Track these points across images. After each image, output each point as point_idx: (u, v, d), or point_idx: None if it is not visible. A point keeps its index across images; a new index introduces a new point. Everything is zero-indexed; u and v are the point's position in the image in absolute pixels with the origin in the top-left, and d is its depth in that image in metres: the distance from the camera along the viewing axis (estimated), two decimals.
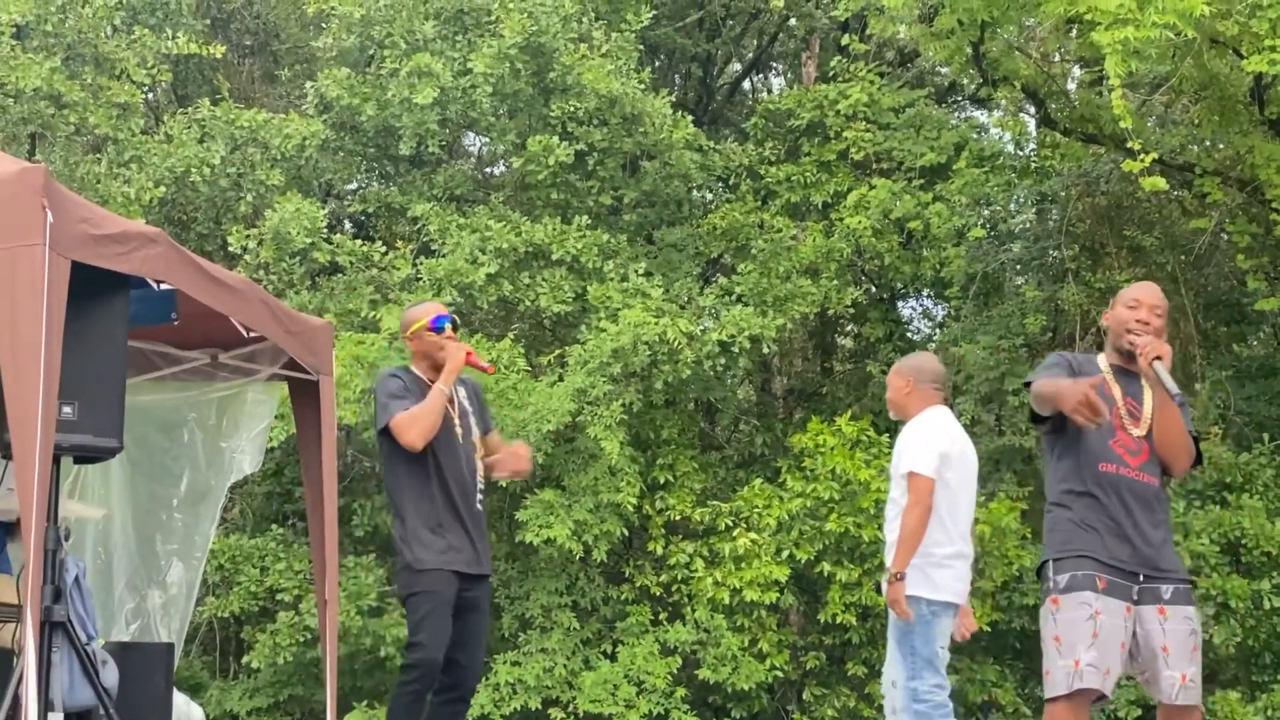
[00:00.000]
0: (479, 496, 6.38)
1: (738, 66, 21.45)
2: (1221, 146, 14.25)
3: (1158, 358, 5.23)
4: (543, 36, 14.60)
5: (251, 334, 7.44)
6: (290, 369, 7.71)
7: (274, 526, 14.39)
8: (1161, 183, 12.17)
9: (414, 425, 6.21)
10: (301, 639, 13.30)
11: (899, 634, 6.70)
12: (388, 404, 6.30)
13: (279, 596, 13.68)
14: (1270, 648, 12.76)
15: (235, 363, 7.88)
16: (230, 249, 14.52)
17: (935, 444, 6.76)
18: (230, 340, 7.61)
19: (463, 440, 6.40)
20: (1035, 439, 14.88)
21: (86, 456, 6.03)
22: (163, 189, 14.20)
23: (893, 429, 16.93)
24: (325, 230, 14.65)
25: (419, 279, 14.32)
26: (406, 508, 6.30)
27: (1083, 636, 5.17)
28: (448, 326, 6.57)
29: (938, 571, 6.64)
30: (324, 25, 16.01)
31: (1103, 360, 5.48)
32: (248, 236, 14.44)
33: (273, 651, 13.40)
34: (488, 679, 13.46)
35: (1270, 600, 12.39)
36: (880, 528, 13.12)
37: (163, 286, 6.51)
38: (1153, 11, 10.93)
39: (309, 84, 15.57)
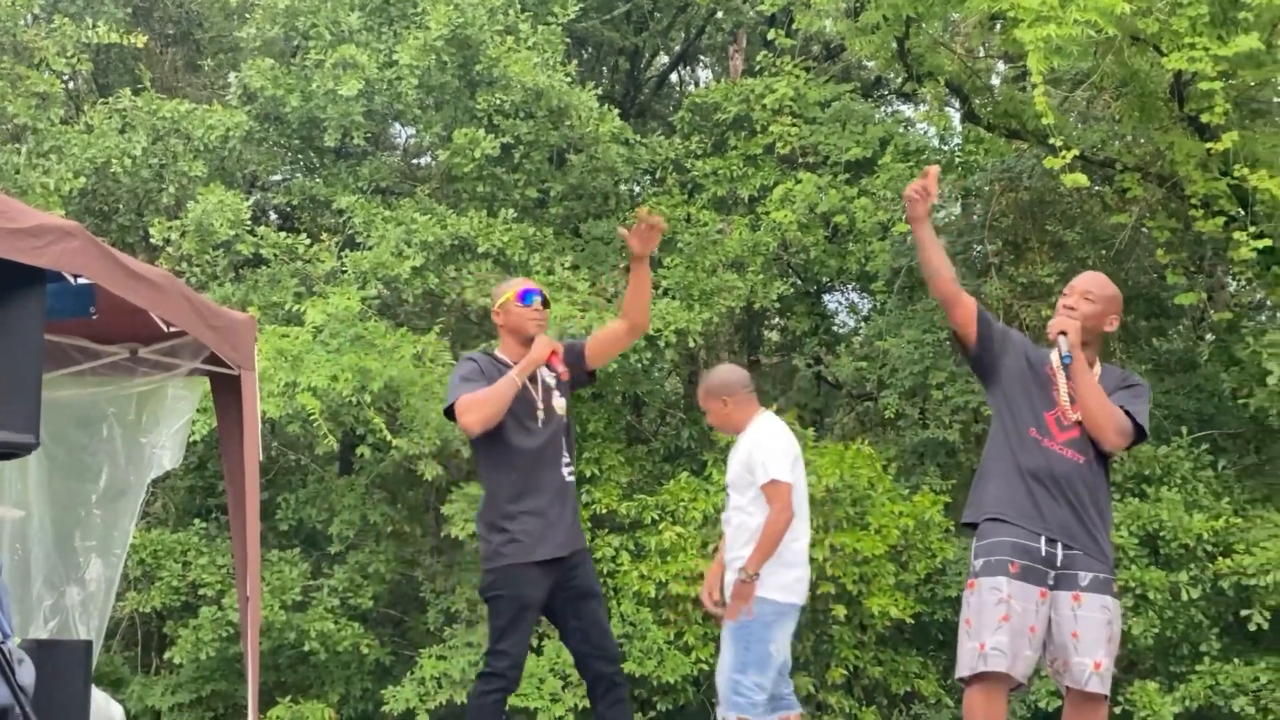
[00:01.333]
0: (567, 474, 6.15)
1: (665, 60, 21.46)
2: (1142, 142, 14.38)
3: (1062, 333, 5.34)
4: (469, 29, 14.55)
5: (172, 328, 7.35)
6: (212, 364, 7.65)
7: (196, 521, 14.29)
8: (1082, 179, 12.27)
9: (474, 410, 5.99)
10: (224, 634, 13.21)
11: (735, 628, 6.76)
12: (457, 386, 6.12)
13: (201, 591, 13.58)
14: (1188, 639, 12.91)
15: (155, 357, 7.80)
16: (152, 241, 14.38)
17: (787, 449, 6.90)
18: (150, 335, 7.52)
19: (544, 422, 6.14)
20: (959, 432, 15.02)
21: (2, 453, 5.95)
22: (83, 180, 14.04)
23: (818, 422, 17.10)
24: (249, 222, 14.54)
25: (344, 272, 14.25)
26: (486, 496, 6.16)
27: (991, 620, 5.23)
28: (537, 301, 6.27)
29: (788, 572, 6.73)
30: (248, 15, 15.89)
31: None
32: (170, 228, 14.30)
33: (195, 647, 13.30)
34: (412, 674, 13.43)
35: (1188, 592, 12.53)
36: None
37: (80, 281, 6.43)
38: (1074, 9, 11.03)
39: (233, 74, 15.46)
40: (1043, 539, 5.29)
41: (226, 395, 7.74)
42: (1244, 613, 12.40)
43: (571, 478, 6.17)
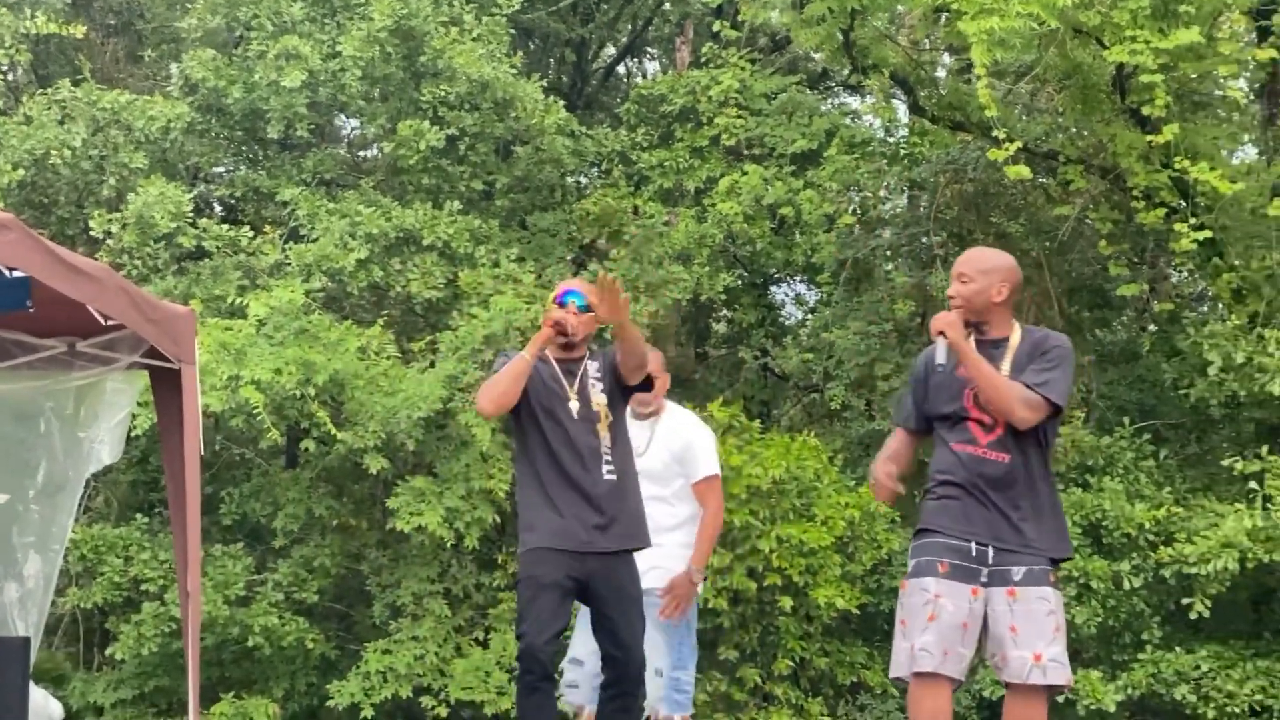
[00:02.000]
0: (606, 469, 6.01)
1: (613, 51, 21.45)
2: (1085, 135, 14.47)
3: (940, 333, 5.39)
4: (413, 20, 14.49)
5: (110, 322, 7.30)
6: (151, 357, 7.60)
7: (139, 516, 14.16)
8: (1025, 171, 12.35)
9: (483, 391, 6.00)
10: (167, 629, 13.10)
11: (670, 626, 6.77)
12: (486, 377, 6.08)
13: (144, 587, 13.47)
14: (1130, 627, 12.99)
15: (94, 351, 7.75)
16: (93, 233, 14.24)
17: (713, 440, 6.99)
18: (88, 328, 7.47)
19: (579, 413, 6.07)
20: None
21: None
22: (21, 171, 13.90)
23: (765, 414, 17.12)
24: (191, 215, 14.41)
25: (288, 264, 14.16)
26: (519, 487, 6.12)
27: (920, 621, 5.26)
28: (572, 303, 6.17)
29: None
30: (189, 6, 15.76)
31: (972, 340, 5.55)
32: (110, 221, 14.17)
33: (137, 642, 13.18)
34: (358, 668, 13.37)
35: (1130, 581, 12.61)
36: (751, 513, 13.25)
37: (16, 274, 6.37)
38: (1017, 2, 11.10)
39: (174, 65, 15.32)
40: (973, 543, 5.31)
41: (166, 389, 7.70)
42: (1185, 601, 12.48)
43: (613, 475, 6.02)
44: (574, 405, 6.04)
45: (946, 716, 5.35)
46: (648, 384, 6.26)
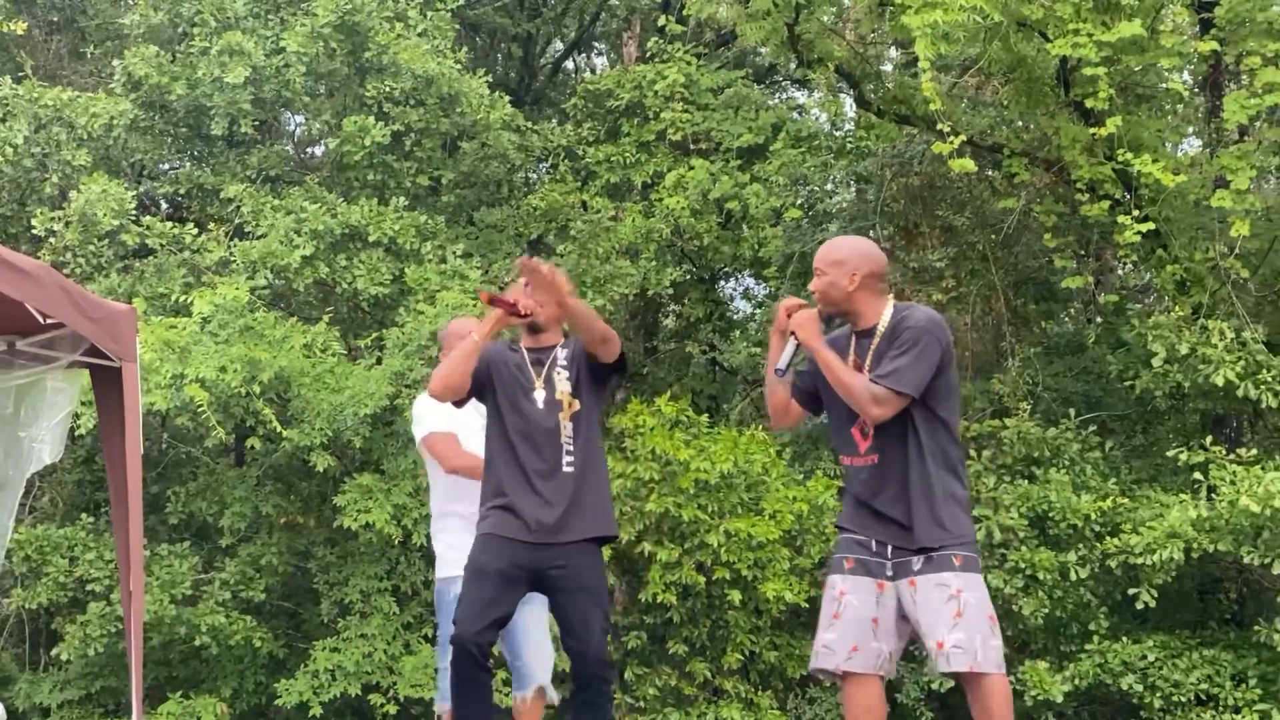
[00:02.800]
0: (566, 460, 5.73)
1: (560, 47, 21.42)
2: (1030, 128, 14.54)
3: (791, 333, 5.32)
4: (357, 15, 14.44)
5: (49, 320, 7.24)
6: (92, 355, 7.53)
7: (84, 516, 14.05)
8: (970, 165, 12.38)
9: (436, 371, 5.79)
10: (113, 629, 13.00)
11: (543, 609, 6.76)
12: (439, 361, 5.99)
13: (89, 587, 13.36)
14: (1077, 618, 13.07)
15: (33, 350, 7.67)
16: (35, 231, 14.12)
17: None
18: (27, 327, 7.39)
19: (544, 402, 5.80)
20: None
21: None
22: None
23: (714, 408, 17.13)
24: (135, 212, 14.31)
25: (232, 261, 14.08)
26: (483, 479, 5.90)
27: (825, 618, 5.24)
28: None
29: None
30: (132, 1, 15.65)
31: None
32: (53, 219, 14.06)
33: (83, 643, 13.09)
34: (306, 666, 13.31)
35: (1076, 572, 12.67)
36: (699, 508, 13.26)
37: None
38: None
39: (116, 62, 15.20)
40: (873, 541, 5.29)
41: (107, 388, 7.63)
42: (1131, 591, 12.55)
43: (572, 467, 5.74)
44: (539, 394, 5.82)
45: (878, 711, 5.27)
46: (622, 362, 6.11)
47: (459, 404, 5.94)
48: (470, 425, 6.53)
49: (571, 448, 5.74)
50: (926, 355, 5.19)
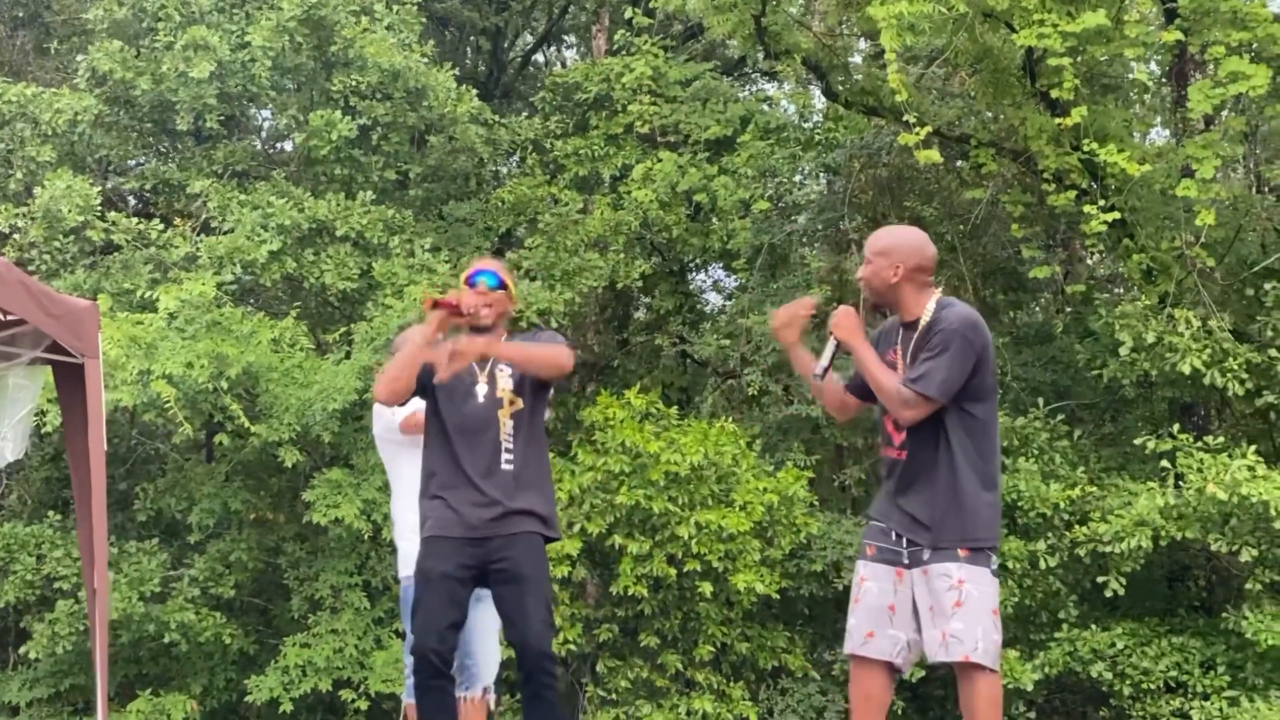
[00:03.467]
0: (505, 458, 5.74)
1: (529, 40, 21.38)
2: (997, 119, 14.56)
3: (830, 333, 5.36)
4: (322, 9, 14.40)
5: (10, 317, 7.21)
6: (54, 352, 7.50)
7: (51, 513, 13.99)
8: (935, 156, 12.39)
9: (379, 377, 5.75)
10: (82, 627, 12.95)
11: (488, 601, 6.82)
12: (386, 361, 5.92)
13: (57, 584, 13.31)
14: (1046, 607, 13.10)
15: None
16: None
17: None
18: None
19: (485, 397, 5.80)
20: (823, 409, 15.11)
21: None
22: None
23: (684, 400, 17.13)
24: (100, 208, 14.24)
25: (199, 257, 14.02)
26: (422, 475, 5.90)
27: (851, 603, 5.30)
28: (482, 282, 5.87)
29: None
30: None
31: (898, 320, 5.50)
32: (17, 215, 13.98)
33: (51, 641, 13.05)
34: (276, 662, 13.27)
35: (1045, 561, 12.70)
36: (670, 500, 13.26)
37: None
38: None
39: (80, 57, 15.12)
40: (892, 532, 5.34)
41: (70, 384, 7.60)
42: (1100, 580, 12.59)
43: (511, 465, 5.75)
44: (480, 389, 5.81)
45: (878, 699, 5.34)
46: (569, 379, 6.13)
47: (401, 405, 5.94)
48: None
49: (511, 445, 5.76)
50: (958, 357, 5.20)
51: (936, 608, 5.20)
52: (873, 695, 5.33)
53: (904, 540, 5.31)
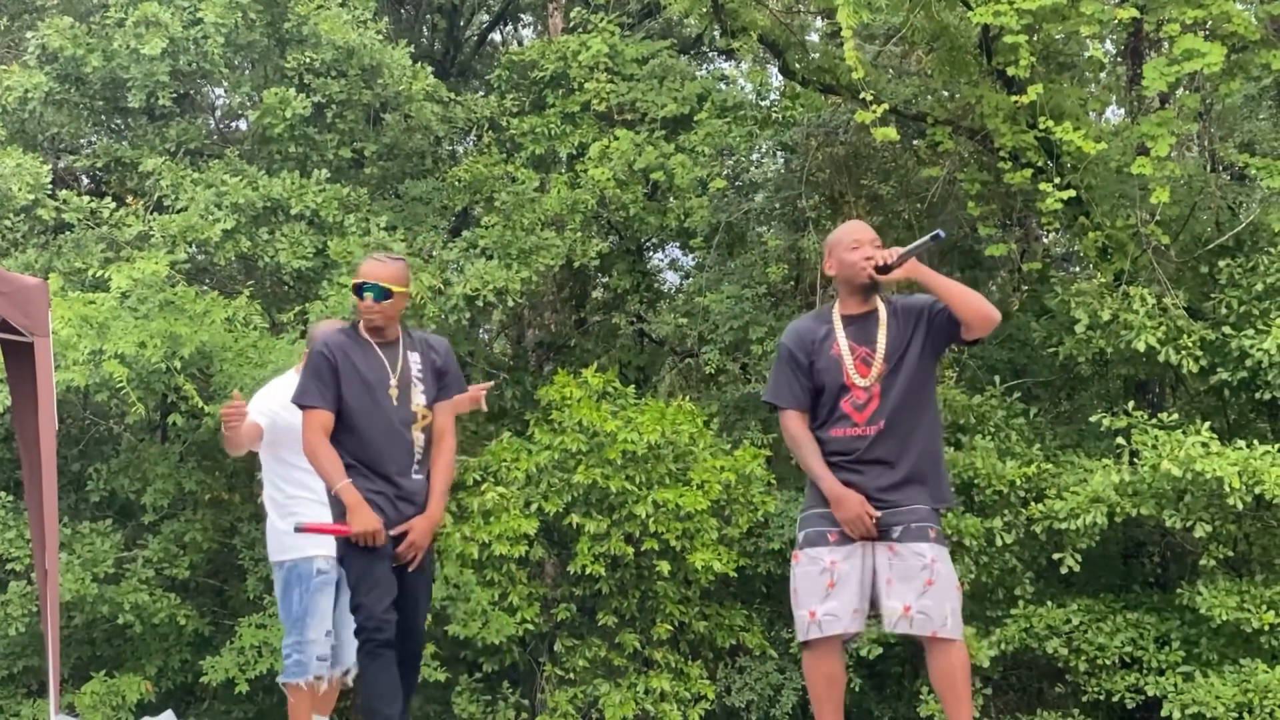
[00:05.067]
0: (415, 469, 5.94)
1: (486, 18, 21.27)
2: (953, 97, 14.57)
3: (899, 253, 5.48)
4: None
5: None
6: (2, 331, 7.41)
7: (2, 494, 13.85)
8: (892, 133, 12.40)
9: (311, 452, 5.89)
10: (34, 609, 12.82)
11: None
12: (305, 385, 5.92)
13: (9, 565, 13.20)
14: (1002, 583, 13.16)
15: None
16: None
17: None
18: None
19: (398, 404, 5.96)
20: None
21: None
22: None
23: (641, 379, 17.11)
24: (51, 186, 14.10)
25: (152, 235, 13.90)
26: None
27: (818, 590, 5.43)
28: (368, 296, 5.99)
29: None
30: None
31: (835, 313, 5.58)
32: None
33: (3, 623, 12.92)
34: (232, 643, 13.20)
35: (1002, 538, 12.75)
36: (627, 479, 13.25)
37: None
38: None
39: (30, 34, 14.95)
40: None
41: (19, 363, 7.52)
42: (1056, 556, 12.65)
43: (420, 475, 5.97)
44: (393, 389, 5.97)
45: (839, 679, 5.54)
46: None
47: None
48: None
49: (421, 458, 5.99)
50: None
51: (907, 585, 5.31)
52: (835, 675, 5.54)
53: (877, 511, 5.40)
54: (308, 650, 7.00)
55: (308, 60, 14.53)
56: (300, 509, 6.94)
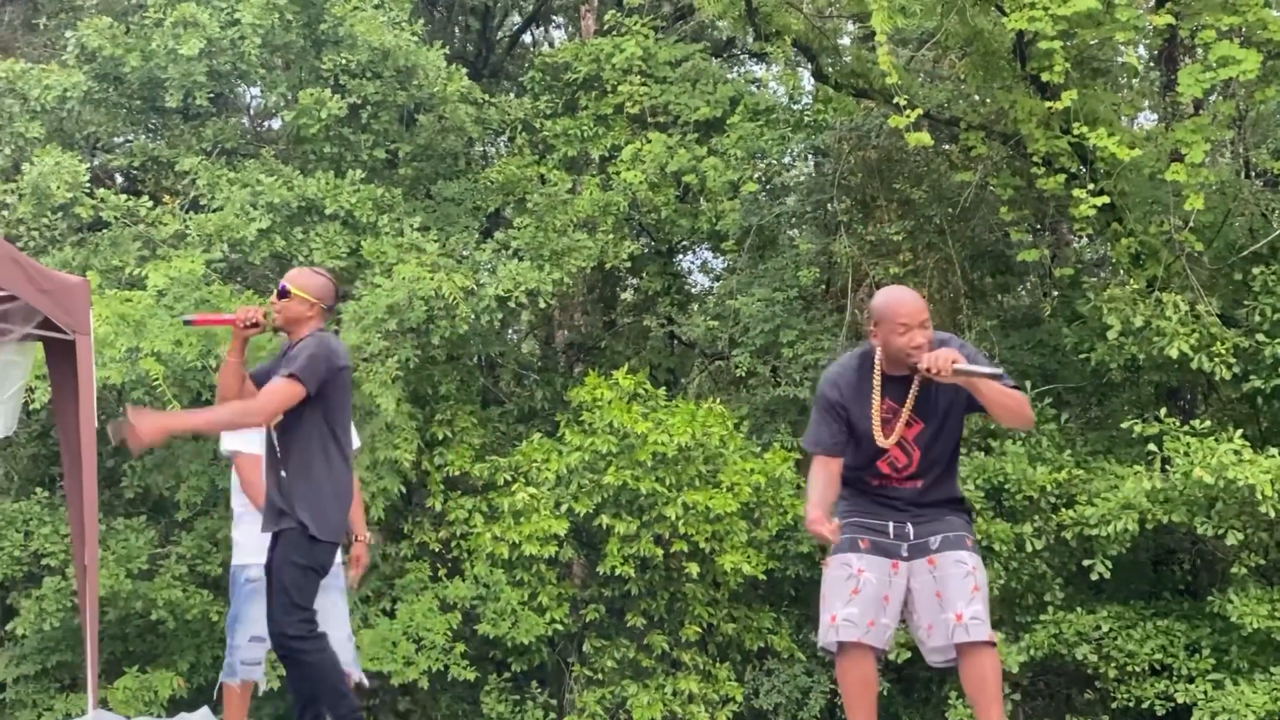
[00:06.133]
0: (282, 471, 6.13)
1: (518, 20, 21.33)
2: (987, 102, 14.56)
3: (955, 365, 5.20)
4: None
5: (2, 293, 7.19)
6: (45, 328, 7.49)
7: (39, 490, 13.96)
8: (926, 138, 12.41)
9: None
10: (69, 604, 12.94)
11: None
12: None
13: (45, 561, 13.31)
14: (1032, 589, 13.16)
15: None
16: None
17: None
18: None
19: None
20: (809, 389, 15.14)
21: None
22: None
23: (672, 382, 17.15)
24: (89, 185, 14.20)
25: (188, 234, 13.99)
26: None
27: (841, 594, 5.40)
28: (273, 293, 6.25)
29: None
30: None
31: (877, 370, 5.46)
32: (5, 191, 13.94)
33: (39, 618, 13.03)
34: None
35: (1032, 543, 12.76)
36: (657, 481, 13.29)
37: None
38: None
39: (69, 34, 15.06)
40: (890, 525, 5.45)
41: (61, 360, 7.59)
42: (1086, 563, 12.64)
43: (284, 472, 6.13)
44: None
45: (873, 683, 5.50)
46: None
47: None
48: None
49: (280, 454, 6.16)
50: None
51: (954, 593, 5.31)
52: (869, 680, 5.49)
53: (907, 527, 5.41)
54: (234, 655, 7.20)
55: (343, 61, 14.60)
56: (245, 520, 7.37)
